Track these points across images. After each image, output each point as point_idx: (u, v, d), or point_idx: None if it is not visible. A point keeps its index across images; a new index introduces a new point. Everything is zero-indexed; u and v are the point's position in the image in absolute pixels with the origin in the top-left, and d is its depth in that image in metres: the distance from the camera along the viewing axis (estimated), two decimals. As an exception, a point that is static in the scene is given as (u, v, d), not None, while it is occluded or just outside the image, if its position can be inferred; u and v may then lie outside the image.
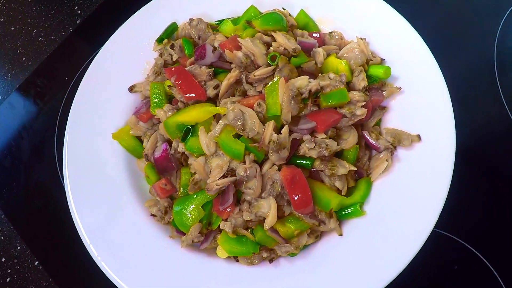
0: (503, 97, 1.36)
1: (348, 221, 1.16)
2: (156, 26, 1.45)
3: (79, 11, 1.76)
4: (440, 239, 1.25)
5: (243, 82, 1.21)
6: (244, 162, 1.10)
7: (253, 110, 1.11)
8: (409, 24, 1.27)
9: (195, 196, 1.16)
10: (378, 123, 1.25)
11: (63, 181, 1.45)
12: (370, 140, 1.19)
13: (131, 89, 1.39)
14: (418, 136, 1.17)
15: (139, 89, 1.39)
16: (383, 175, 1.18)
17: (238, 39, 1.19)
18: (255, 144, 1.10)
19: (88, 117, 1.35)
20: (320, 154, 1.11)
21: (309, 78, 1.16)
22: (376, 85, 1.24)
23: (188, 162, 1.21)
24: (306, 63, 1.23)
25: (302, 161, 1.12)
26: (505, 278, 1.19)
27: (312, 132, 1.14)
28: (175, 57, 1.38)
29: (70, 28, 1.73)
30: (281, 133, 1.08)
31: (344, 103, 1.17)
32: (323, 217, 1.12)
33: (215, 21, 1.44)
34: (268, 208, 1.08)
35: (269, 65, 1.19)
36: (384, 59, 1.28)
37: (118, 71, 1.41)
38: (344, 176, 1.15)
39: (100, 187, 1.26)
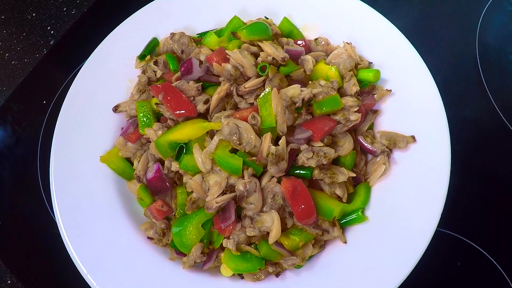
0: (489, 92, 1.38)
1: (350, 228, 1.14)
2: (136, 43, 1.40)
3: (52, 32, 1.69)
4: (441, 237, 1.24)
5: (233, 95, 1.17)
6: (242, 177, 1.07)
7: (248, 123, 1.08)
8: (394, 26, 1.27)
9: (193, 215, 1.11)
10: (371, 127, 1.23)
11: (52, 209, 1.39)
12: (366, 144, 1.17)
13: (116, 109, 1.33)
14: (413, 137, 1.16)
15: (124, 109, 1.34)
16: (381, 178, 1.16)
17: (226, 51, 1.16)
18: (253, 158, 1.06)
19: (72, 141, 1.28)
20: (319, 162, 1.08)
21: (300, 87, 1.15)
22: (367, 89, 1.22)
23: (183, 181, 1.16)
24: (295, 71, 1.21)
25: (301, 171, 1.10)
26: (508, 270, 1.19)
27: (308, 141, 1.12)
28: (159, 74, 1.33)
29: (44, 50, 1.66)
30: (278, 145, 1.06)
31: (337, 110, 1.15)
32: (326, 226, 1.09)
33: (197, 34, 1.40)
34: (271, 222, 1.05)
35: (258, 76, 1.16)
36: (372, 62, 1.27)
37: (100, 91, 1.35)
38: (343, 183, 1.13)
39: (92, 213, 1.20)
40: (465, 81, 1.39)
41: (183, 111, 1.15)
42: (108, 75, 1.37)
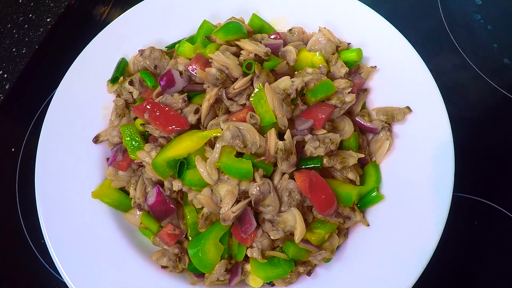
0: (462, 52, 1.39)
1: (369, 210, 1.10)
2: (102, 68, 1.29)
3: (5, 75, 1.54)
4: (453, 201, 1.23)
5: (223, 99, 1.10)
6: (254, 180, 1.00)
7: (247, 123, 1.01)
8: (363, 4, 1.26)
9: (209, 232, 1.02)
10: (364, 107, 1.20)
11: (48, 262, 1.25)
12: (365, 124, 1.14)
13: (96, 140, 1.22)
14: (408, 108, 1.14)
15: (105, 138, 1.23)
16: (387, 154, 1.13)
17: (208, 55, 1.09)
18: (261, 158, 1.00)
19: (57, 183, 1.15)
20: (327, 150, 1.03)
21: (290, 78, 1.10)
22: (352, 69, 1.20)
23: (188, 199, 1.08)
24: (278, 64, 1.16)
25: (311, 162, 1.04)
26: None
27: (311, 131, 1.07)
28: (136, 94, 1.24)
29: (1, 96, 1.51)
30: (284, 139, 1.00)
31: (331, 94, 1.11)
32: (347, 213, 1.04)
33: (166, 47, 1.32)
34: (293, 220, 0.99)
35: (245, 75, 1.10)
36: (350, 43, 1.25)
37: (75, 125, 1.23)
38: (353, 167, 1.09)
39: (95, 255, 1.08)
40: (438, 46, 1.40)
41: (175, 126, 1.06)
42: (80, 106, 1.26)
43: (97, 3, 1.67)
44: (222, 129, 1.00)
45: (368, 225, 1.07)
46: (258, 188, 0.97)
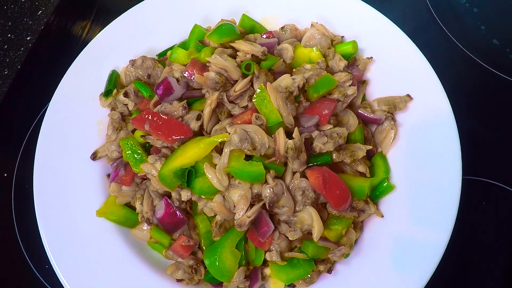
0: (451, 36, 1.40)
1: (381, 202, 1.08)
2: (93, 82, 1.24)
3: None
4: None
5: (224, 103, 1.07)
6: (266, 182, 0.97)
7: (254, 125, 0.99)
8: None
9: (224, 239, 0.99)
10: (364, 99, 1.19)
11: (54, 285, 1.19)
12: (368, 115, 1.13)
13: (94, 156, 1.17)
14: (409, 96, 1.13)
15: (103, 154, 1.17)
16: (392, 144, 1.12)
17: (206, 58, 1.06)
18: (272, 159, 0.97)
19: (58, 205, 1.09)
20: (336, 144, 1.01)
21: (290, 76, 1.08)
22: (349, 62, 1.18)
23: (199, 208, 1.04)
24: (276, 63, 1.13)
25: (321, 158, 1.02)
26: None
27: (317, 127, 1.04)
28: (131, 106, 1.19)
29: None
30: (293, 138, 0.97)
31: (332, 89, 1.10)
32: (362, 206, 1.02)
33: (157, 55, 1.28)
34: (310, 218, 0.96)
35: (244, 76, 1.07)
36: (344, 36, 1.23)
37: (71, 143, 1.17)
38: (362, 160, 1.07)
39: (107, 275, 1.03)
40: (426, 32, 1.40)
41: (178, 135, 1.02)
42: (74, 124, 1.20)
43: (77, 19, 1.61)
44: (229, 133, 0.96)
45: (382, 216, 1.05)
46: (271, 190, 0.95)
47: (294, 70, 1.13)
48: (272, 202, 0.95)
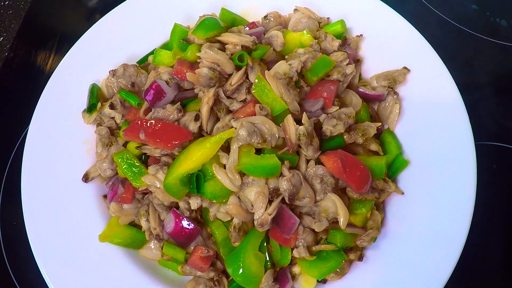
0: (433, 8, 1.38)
1: (396, 179, 1.03)
2: (72, 100, 1.12)
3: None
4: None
5: (221, 99, 0.99)
6: (281, 175, 0.89)
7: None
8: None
9: (245, 243, 0.90)
10: (360, 78, 1.14)
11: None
12: (369, 93, 1.07)
13: (86, 178, 1.05)
14: (406, 68, 1.09)
15: (95, 174, 1.06)
16: (398, 119, 1.07)
17: (197, 54, 0.97)
18: (284, 149, 0.90)
19: (55, 237, 0.98)
20: (346, 125, 0.95)
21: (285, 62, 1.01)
22: (340, 42, 1.12)
23: (210, 215, 0.95)
24: (267, 52, 1.06)
25: (333, 142, 0.95)
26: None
27: (323, 110, 0.98)
28: (118, 118, 1.08)
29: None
30: (303, 123, 0.90)
31: (330, 70, 1.03)
32: (382, 185, 0.96)
33: (137, 62, 1.18)
34: (334, 206, 0.89)
35: (238, 69, 1.00)
36: (329, 17, 1.18)
37: (58, 168, 1.06)
38: (373, 138, 1.01)
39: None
40: (406, 3, 1.37)
41: (178, 140, 0.93)
42: (58, 147, 1.08)
43: (39, 46, 1.48)
44: (235, 128, 0.88)
45: (403, 193, 1.00)
46: (289, 182, 0.87)
47: (286, 57, 1.06)
48: (292, 194, 0.87)
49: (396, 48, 1.12)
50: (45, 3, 1.57)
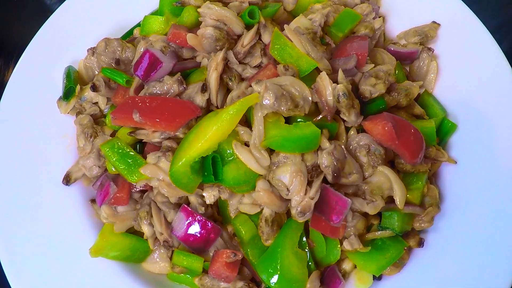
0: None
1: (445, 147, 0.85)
2: (45, 88, 0.89)
3: None
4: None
5: (232, 65, 0.77)
6: (319, 148, 0.68)
7: (285, 78, 0.70)
8: None
9: (281, 240, 0.68)
10: (384, 38, 0.95)
11: None
12: (401, 51, 0.88)
13: (68, 180, 0.82)
14: (435, 22, 0.91)
15: (78, 174, 0.83)
16: (437, 79, 0.89)
17: (198, 10, 0.76)
18: (321, 115, 0.69)
19: (33, 258, 0.75)
20: (387, 84, 0.75)
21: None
22: (359, -2, 0.94)
23: (231, 209, 0.73)
24: (278, 10, 0.86)
25: (374, 105, 0.75)
26: None
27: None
28: (103, 103, 0.85)
29: None
30: (340, 82, 0.70)
31: (356, 25, 0.84)
32: (434, 153, 0.77)
33: (121, 37, 0.95)
34: (388, 181, 0.69)
35: (248, 28, 0.79)
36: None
37: (33, 171, 0.82)
38: (415, 103, 0.83)
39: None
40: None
41: (184, 117, 0.71)
42: (31, 146, 0.84)
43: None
44: (258, 93, 0.67)
45: (456, 163, 0.81)
46: (332, 155, 0.66)
47: (301, 15, 0.86)
48: (337, 170, 0.66)
49: (420, 2, 0.95)
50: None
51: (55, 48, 0.92)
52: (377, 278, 0.73)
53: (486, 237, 0.75)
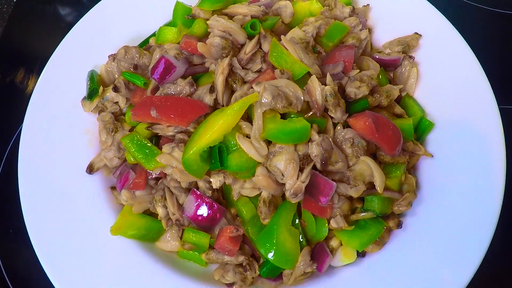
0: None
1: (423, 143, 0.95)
2: (70, 90, 1.00)
3: None
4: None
5: (236, 69, 0.89)
6: (310, 140, 0.79)
7: (280, 80, 0.81)
8: None
9: (277, 219, 0.79)
10: (371, 47, 1.06)
11: None
12: (385, 59, 1.00)
13: (91, 169, 0.93)
14: (417, 33, 1.02)
15: (101, 164, 0.94)
16: (417, 83, 1.00)
17: (207, 22, 0.88)
18: (311, 112, 0.80)
19: (61, 237, 0.85)
20: (370, 86, 0.87)
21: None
22: (350, 8, 1.05)
23: (234, 193, 0.83)
24: (276, 23, 0.98)
25: (358, 105, 0.86)
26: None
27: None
28: (122, 102, 0.97)
29: None
30: (327, 84, 0.81)
31: (344, 36, 0.96)
32: (412, 147, 0.88)
33: (138, 45, 1.07)
34: (369, 168, 0.80)
35: (250, 38, 0.90)
36: (333, -11, 1.11)
37: (59, 162, 0.93)
38: (395, 103, 0.94)
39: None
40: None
41: (195, 114, 0.82)
42: (57, 139, 0.95)
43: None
44: (258, 93, 0.78)
45: (432, 156, 0.91)
46: (320, 146, 0.77)
47: (297, 27, 0.98)
48: (325, 159, 0.77)
49: (403, 15, 1.06)
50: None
51: (78, 55, 1.04)
52: (361, 254, 0.83)
53: (458, 221, 0.84)
